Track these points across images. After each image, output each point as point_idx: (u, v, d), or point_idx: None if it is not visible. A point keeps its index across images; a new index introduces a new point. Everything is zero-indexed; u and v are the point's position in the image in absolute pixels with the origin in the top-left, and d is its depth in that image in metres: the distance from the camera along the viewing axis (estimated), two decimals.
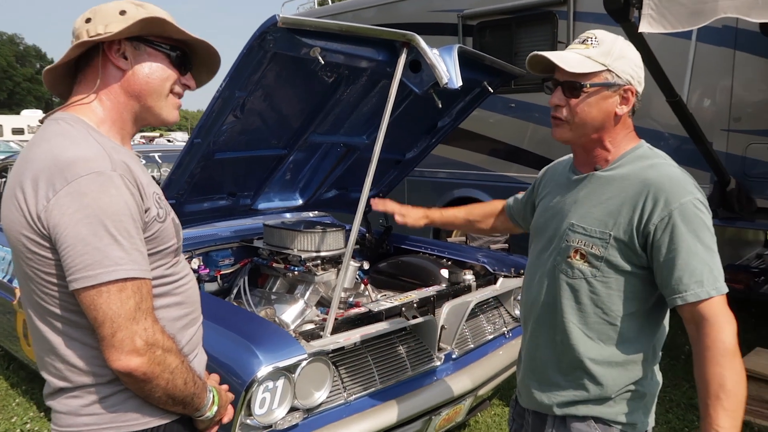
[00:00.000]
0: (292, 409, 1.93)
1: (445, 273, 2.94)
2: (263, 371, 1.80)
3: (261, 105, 2.39)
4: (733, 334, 1.23)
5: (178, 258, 1.25)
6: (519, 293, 2.87)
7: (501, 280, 2.87)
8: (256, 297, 2.78)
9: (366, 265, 3.02)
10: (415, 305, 2.45)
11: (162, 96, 1.23)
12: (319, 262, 2.87)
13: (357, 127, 2.92)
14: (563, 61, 1.34)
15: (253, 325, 2.07)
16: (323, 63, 2.09)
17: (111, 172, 1.07)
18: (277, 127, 2.65)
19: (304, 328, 2.26)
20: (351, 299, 2.80)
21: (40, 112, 31.25)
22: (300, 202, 3.34)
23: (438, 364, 2.41)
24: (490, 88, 2.84)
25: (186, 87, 1.28)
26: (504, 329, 2.84)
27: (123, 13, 1.16)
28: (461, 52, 2.34)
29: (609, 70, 1.33)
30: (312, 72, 2.32)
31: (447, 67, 2.21)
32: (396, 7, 5.57)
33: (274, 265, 2.93)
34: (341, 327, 2.19)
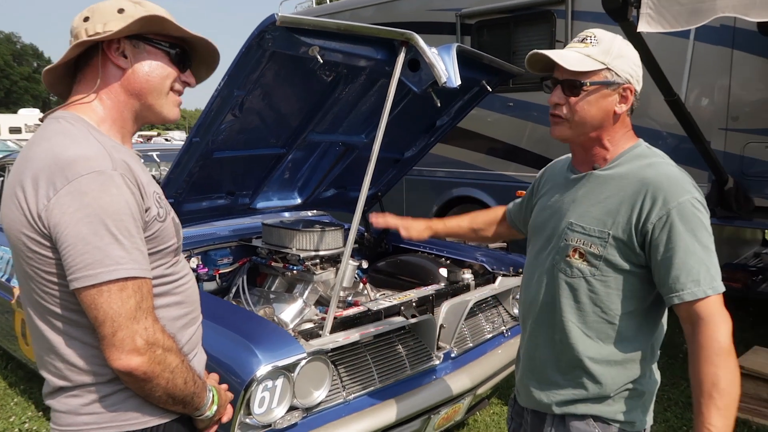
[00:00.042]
0: (292, 408, 1.93)
1: (443, 272, 2.94)
2: (262, 370, 1.80)
3: (260, 104, 2.38)
4: (728, 333, 1.23)
5: (178, 257, 1.25)
6: (518, 292, 2.86)
7: (500, 279, 2.87)
8: (254, 296, 2.78)
9: (365, 264, 3.03)
10: (413, 304, 2.45)
11: (162, 94, 1.23)
12: (317, 261, 2.88)
13: (356, 126, 2.92)
14: (563, 59, 1.33)
15: (252, 324, 2.07)
16: (322, 62, 2.08)
17: (112, 171, 1.07)
18: (276, 126, 2.65)
19: (303, 327, 2.26)
20: (350, 298, 2.80)
21: (38, 110, 31.18)
22: (298, 201, 3.34)
23: (437, 363, 2.41)
24: (488, 87, 2.84)
25: (186, 84, 1.28)
26: (503, 328, 2.84)
27: (121, 11, 1.16)
28: (460, 50, 2.33)
29: (609, 69, 1.33)
30: (311, 71, 2.31)
31: (446, 66, 2.21)
32: (394, 6, 5.57)
33: (273, 264, 2.94)
34: (340, 326, 2.19)
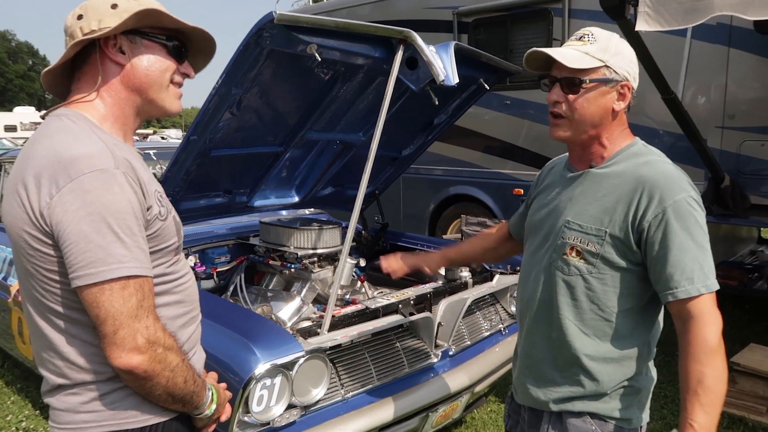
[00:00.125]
0: (290, 407, 1.94)
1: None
2: (261, 368, 1.80)
3: (257, 102, 2.38)
4: (717, 332, 1.25)
5: (178, 256, 1.25)
6: (515, 290, 2.88)
7: (497, 276, 2.88)
8: (252, 294, 2.78)
9: (362, 262, 3.03)
10: (411, 302, 2.46)
11: (163, 87, 1.22)
12: (315, 259, 2.88)
13: (353, 124, 2.92)
14: (563, 56, 1.34)
15: (250, 323, 2.07)
16: (320, 60, 2.08)
17: (114, 169, 1.07)
18: (274, 124, 2.65)
19: (301, 325, 2.26)
20: (348, 296, 2.81)
21: (33, 109, 31.10)
22: (296, 199, 3.34)
23: (435, 360, 2.41)
24: (486, 85, 2.84)
25: (185, 75, 1.27)
26: (500, 326, 2.85)
27: (114, 7, 1.15)
28: (458, 49, 2.34)
29: (607, 66, 1.34)
30: (308, 69, 2.31)
31: (444, 64, 2.21)
32: (391, 4, 5.57)
33: (271, 262, 2.94)
34: (338, 324, 2.19)
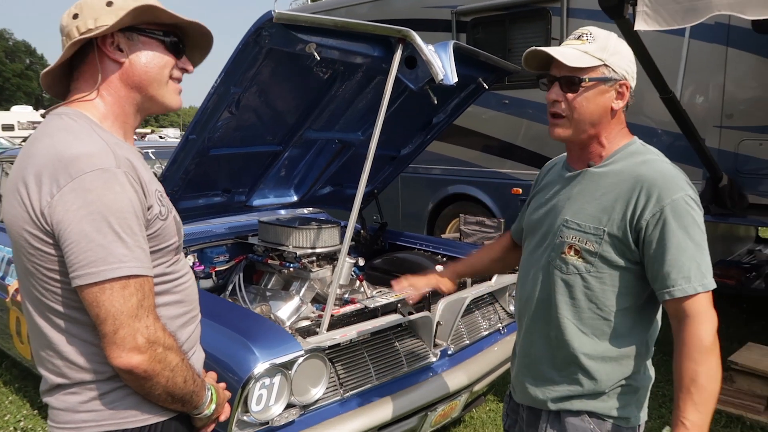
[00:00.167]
0: (289, 406, 1.94)
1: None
2: (260, 368, 1.80)
3: (256, 101, 2.38)
4: (712, 331, 1.25)
5: (178, 256, 1.24)
6: (514, 289, 2.88)
7: (496, 276, 2.88)
8: (251, 294, 2.78)
9: (361, 262, 3.03)
10: (410, 302, 2.45)
11: (162, 83, 1.22)
12: (314, 258, 2.88)
13: (352, 124, 2.92)
14: (563, 55, 1.34)
15: (249, 322, 2.07)
16: (319, 59, 2.08)
17: (115, 169, 1.06)
18: (272, 124, 2.65)
19: (300, 324, 2.27)
20: (346, 296, 2.81)
21: (30, 108, 31.04)
22: (295, 198, 3.34)
23: (434, 360, 2.42)
24: (485, 85, 2.84)
25: (184, 71, 1.27)
26: (499, 325, 2.85)
27: (110, 5, 1.14)
28: (456, 48, 2.34)
29: (606, 65, 1.34)
30: (307, 68, 2.31)
31: (442, 63, 2.21)
32: (389, 3, 5.57)
33: (269, 261, 2.94)
34: (337, 323, 2.19)
